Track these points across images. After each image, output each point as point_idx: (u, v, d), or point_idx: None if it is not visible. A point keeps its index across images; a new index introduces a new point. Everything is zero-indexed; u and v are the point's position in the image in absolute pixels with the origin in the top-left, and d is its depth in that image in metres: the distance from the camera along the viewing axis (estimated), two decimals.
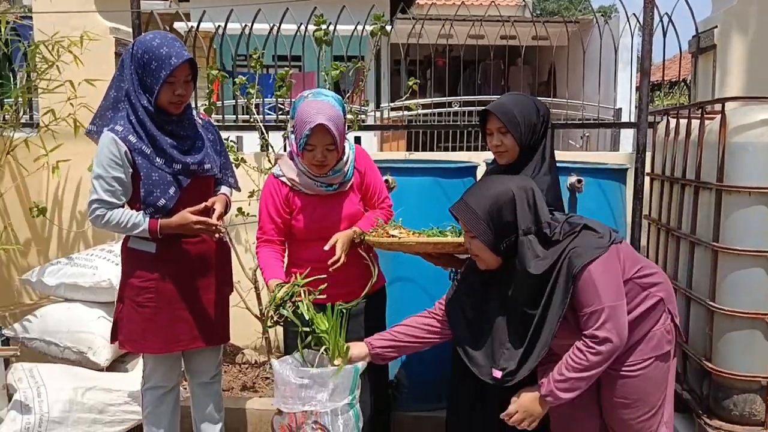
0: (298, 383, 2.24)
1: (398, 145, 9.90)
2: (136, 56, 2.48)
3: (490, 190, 2.22)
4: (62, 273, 3.69)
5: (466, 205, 2.22)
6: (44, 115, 4.05)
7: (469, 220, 2.19)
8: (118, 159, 2.49)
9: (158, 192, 2.53)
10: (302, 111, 2.47)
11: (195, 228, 2.56)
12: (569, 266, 2.11)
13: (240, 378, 3.96)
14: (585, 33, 6.39)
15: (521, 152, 2.54)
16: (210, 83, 4.03)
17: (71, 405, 3.14)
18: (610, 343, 2.07)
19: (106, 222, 2.53)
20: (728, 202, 2.76)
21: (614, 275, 2.13)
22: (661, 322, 2.24)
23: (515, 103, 2.55)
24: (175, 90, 2.49)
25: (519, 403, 2.23)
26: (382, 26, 3.90)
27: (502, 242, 2.18)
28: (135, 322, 2.66)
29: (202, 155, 2.64)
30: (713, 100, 3.38)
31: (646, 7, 3.58)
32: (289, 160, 2.61)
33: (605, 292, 2.09)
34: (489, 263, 2.25)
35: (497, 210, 2.16)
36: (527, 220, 2.16)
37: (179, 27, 7.01)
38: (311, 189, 2.57)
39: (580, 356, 2.10)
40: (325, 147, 2.45)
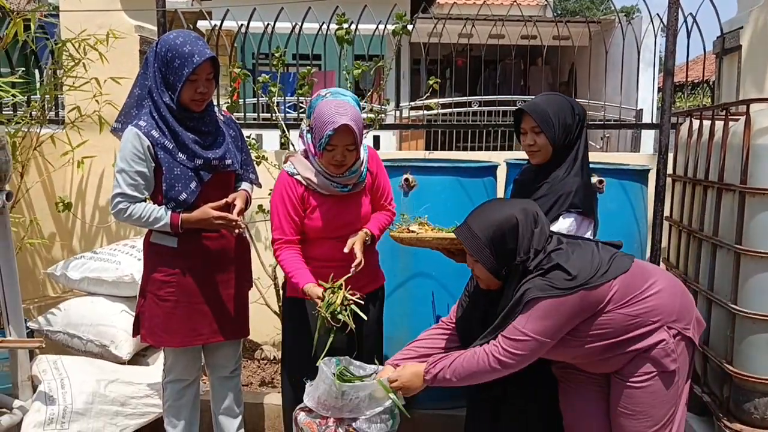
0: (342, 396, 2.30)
1: (417, 144, 9.90)
2: (160, 54, 2.52)
3: (494, 215, 2.24)
4: (86, 267, 3.75)
5: (470, 229, 2.25)
6: (70, 112, 4.11)
7: (472, 246, 2.23)
8: (141, 153, 2.53)
9: (180, 186, 2.57)
10: (323, 110, 2.45)
11: (215, 223, 2.59)
12: (522, 297, 2.15)
13: (259, 373, 3.99)
14: (607, 33, 6.35)
15: (554, 152, 2.55)
16: (232, 81, 4.06)
17: (94, 397, 3.17)
18: (506, 365, 2.15)
19: (129, 215, 2.57)
20: (752, 205, 2.73)
21: (560, 317, 2.13)
22: (661, 342, 2.19)
23: (550, 103, 2.55)
24: (197, 88, 2.52)
25: (401, 374, 2.32)
26: (404, 26, 3.90)
27: (504, 267, 2.22)
28: (156, 315, 2.70)
29: (223, 151, 2.67)
30: (738, 101, 3.35)
31: (670, 7, 3.55)
32: (303, 159, 2.58)
33: (537, 324, 2.12)
34: (489, 285, 2.31)
35: (500, 237, 2.19)
36: (525, 248, 2.19)
37: (202, 26, 7.06)
38: (327, 189, 2.56)
39: (482, 358, 2.17)
40: (346, 147, 2.45)
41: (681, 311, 2.24)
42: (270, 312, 4.04)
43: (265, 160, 4.06)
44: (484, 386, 2.46)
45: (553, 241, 2.24)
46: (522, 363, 2.17)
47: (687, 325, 2.24)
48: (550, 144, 2.53)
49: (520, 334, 2.13)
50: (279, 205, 2.58)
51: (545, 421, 2.58)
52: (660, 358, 2.18)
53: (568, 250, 2.21)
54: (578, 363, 2.34)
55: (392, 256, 3.24)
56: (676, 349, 2.21)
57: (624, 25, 4.56)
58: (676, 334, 2.21)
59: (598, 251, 2.25)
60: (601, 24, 9.04)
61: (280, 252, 2.57)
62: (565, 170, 2.53)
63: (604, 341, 2.19)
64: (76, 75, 3.91)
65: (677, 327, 2.21)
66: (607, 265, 2.19)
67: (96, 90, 3.93)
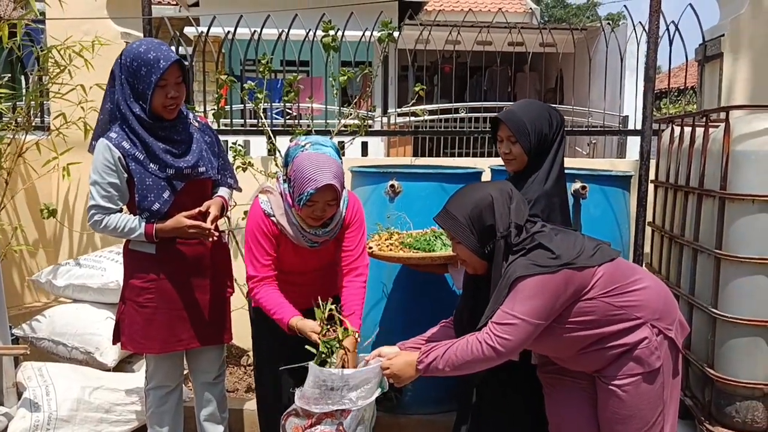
0: (330, 386, 2.30)
1: (405, 150, 9.91)
2: (125, 65, 2.51)
3: (469, 196, 2.27)
4: (71, 274, 3.75)
5: (447, 212, 2.27)
6: (55, 119, 4.10)
7: (452, 227, 2.25)
8: (112, 164, 2.53)
9: (152, 196, 2.58)
10: (303, 166, 2.34)
11: (189, 232, 2.60)
12: (508, 279, 2.16)
13: (245, 380, 3.99)
14: (592, 40, 6.40)
15: (529, 161, 2.56)
16: (219, 88, 4.07)
17: (79, 404, 3.17)
18: (500, 352, 2.13)
19: (104, 227, 2.58)
20: (731, 210, 2.77)
21: (546, 296, 2.13)
22: (644, 340, 2.19)
23: (527, 112, 2.56)
24: (167, 93, 2.52)
25: (394, 363, 2.32)
26: (389, 33, 3.93)
27: (486, 246, 2.23)
28: (136, 322, 2.71)
29: (195, 158, 2.66)
30: (717, 108, 3.40)
31: (651, 16, 3.60)
32: (280, 203, 2.51)
33: (525, 305, 2.12)
34: (476, 267, 2.31)
35: (477, 214, 2.21)
36: (504, 223, 2.20)
37: (189, 32, 7.06)
38: (297, 241, 2.53)
39: (474, 346, 2.15)
40: (327, 202, 2.39)
41: (664, 311, 2.25)
42: None
43: (251, 167, 4.07)
44: (477, 393, 2.51)
45: (536, 225, 2.27)
46: (515, 348, 2.14)
47: (669, 325, 2.25)
48: (525, 153, 2.54)
49: (510, 317, 2.12)
50: (255, 242, 2.53)
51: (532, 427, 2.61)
52: (644, 358, 2.19)
53: (551, 233, 2.24)
54: (560, 358, 2.35)
55: (377, 262, 3.24)
56: (660, 348, 2.21)
57: (607, 33, 4.60)
58: (658, 333, 2.21)
59: (583, 239, 2.29)
60: (586, 31, 9.11)
61: (258, 290, 2.54)
62: (541, 178, 2.53)
63: (587, 331, 2.20)
64: (62, 82, 3.91)
65: (660, 326, 2.22)
66: (592, 251, 2.22)
67: (81, 97, 3.93)
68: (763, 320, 2.71)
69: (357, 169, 3.59)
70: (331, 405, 2.31)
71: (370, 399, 2.35)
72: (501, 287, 2.18)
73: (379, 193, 3.35)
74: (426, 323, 2.65)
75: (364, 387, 2.33)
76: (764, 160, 2.68)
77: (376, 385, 2.37)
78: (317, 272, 2.70)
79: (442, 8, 12.87)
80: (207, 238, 2.64)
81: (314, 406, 2.33)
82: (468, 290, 2.48)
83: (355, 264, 2.64)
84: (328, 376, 2.30)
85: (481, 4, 15.05)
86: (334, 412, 2.33)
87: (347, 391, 2.31)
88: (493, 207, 2.21)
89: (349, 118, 4.35)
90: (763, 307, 2.71)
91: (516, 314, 2.12)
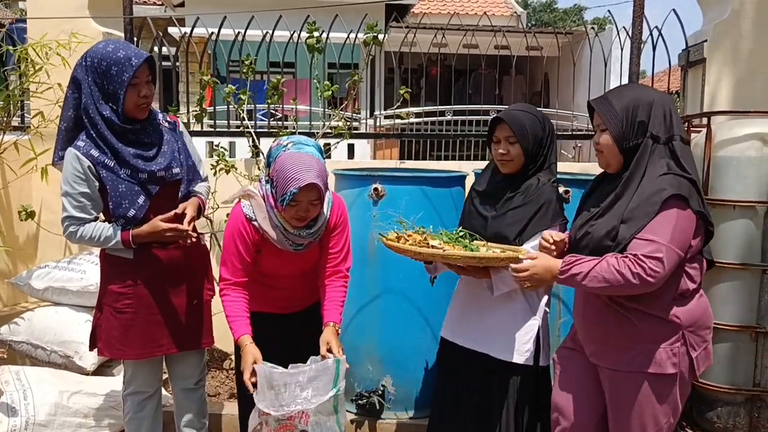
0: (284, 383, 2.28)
1: (391, 153, 9.91)
2: (92, 67, 2.45)
3: (633, 91, 2.24)
4: (50, 277, 3.70)
5: (605, 98, 2.23)
6: (33, 118, 4.05)
7: (605, 111, 2.20)
8: (82, 174, 2.48)
9: (126, 203, 2.53)
10: (286, 165, 2.31)
11: (167, 235, 2.55)
12: (660, 191, 2.06)
13: (227, 384, 3.95)
14: (578, 44, 6.43)
15: (525, 163, 2.56)
16: (202, 89, 4.04)
17: (57, 409, 3.13)
18: (652, 277, 2.03)
19: (80, 237, 2.54)
20: (713, 216, 2.75)
21: (688, 232, 2.08)
22: (669, 341, 2.14)
23: (525, 115, 2.57)
24: (140, 92, 2.48)
25: (536, 264, 2.24)
26: (375, 36, 3.90)
27: (630, 140, 2.17)
28: (114, 328, 2.66)
29: (168, 160, 2.61)
30: (699, 113, 3.41)
31: (635, 21, 3.61)
32: (263, 206, 2.45)
33: (679, 237, 2.04)
34: (610, 161, 2.23)
35: (634, 108, 2.16)
36: (658, 126, 2.15)
37: (174, 32, 7.02)
38: (281, 245, 2.47)
39: (621, 273, 2.06)
40: (310, 202, 2.35)
41: (696, 324, 2.20)
42: None
43: (234, 170, 4.04)
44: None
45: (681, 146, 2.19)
46: (662, 280, 2.06)
47: (698, 342, 2.19)
48: (523, 155, 2.54)
49: (665, 249, 2.03)
50: (232, 245, 2.49)
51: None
52: (660, 357, 2.13)
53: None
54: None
55: (361, 267, 3.22)
56: (680, 359, 2.15)
57: (592, 37, 4.61)
58: (684, 343, 2.16)
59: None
60: (571, 35, 9.15)
61: (226, 294, 2.50)
62: (538, 180, 2.55)
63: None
64: (39, 81, 3.86)
65: (691, 340, 2.16)
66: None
67: (60, 96, 3.88)
68: (744, 325, 2.72)
69: (341, 172, 3.56)
70: (285, 407, 2.28)
71: (325, 397, 2.31)
72: (649, 195, 2.08)
73: (363, 196, 3.33)
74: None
75: (315, 385, 2.30)
76: (745, 166, 2.70)
77: (330, 382, 2.33)
78: (301, 278, 2.66)
79: (428, 11, 12.90)
80: (186, 240, 2.60)
81: (272, 410, 2.29)
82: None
83: (339, 267, 2.62)
84: (270, 374, 2.28)
85: (467, 7, 15.11)
86: (293, 416, 2.30)
87: (299, 390, 2.29)
88: (652, 106, 2.17)
89: (334, 120, 4.33)
90: (744, 312, 2.72)
91: (674, 247, 2.04)
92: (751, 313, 2.72)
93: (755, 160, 2.68)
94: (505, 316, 2.58)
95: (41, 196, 4.35)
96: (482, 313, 2.63)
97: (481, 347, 2.62)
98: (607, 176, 2.31)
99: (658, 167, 2.10)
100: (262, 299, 2.61)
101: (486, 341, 2.61)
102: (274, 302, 2.58)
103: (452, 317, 2.78)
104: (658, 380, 2.15)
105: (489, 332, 2.60)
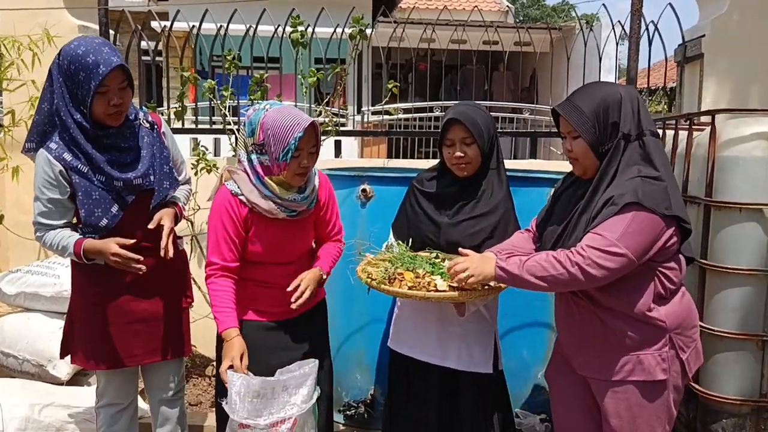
0: (271, 388, 2.19)
1: (379, 149, 9.78)
2: (63, 67, 2.28)
3: (598, 90, 2.13)
4: (22, 282, 3.58)
5: (571, 103, 2.14)
6: (5, 116, 3.88)
7: (576, 118, 2.10)
8: (53, 180, 2.32)
9: (99, 212, 2.36)
10: (277, 119, 2.24)
11: (111, 260, 2.33)
12: (621, 197, 1.99)
13: (209, 391, 3.82)
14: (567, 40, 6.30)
15: (482, 163, 2.48)
16: (182, 85, 3.87)
17: (27, 423, 2.99)
18: (593, 267, 1.97)
19: (44, 243, 2.41)
20: (717, 218, 2.67)
21: (651, 237, 1.99)
22: (656, 346, 2.08)
23: (476, 112, 2.48)
24: (109, 100, 2.29)
25: (469, 260, 2.20)
26: (361, 29, 3.77)
27: (605, 144, 2.08)
28: (84, 336, 2.53)
29: (146, 166, 2.44)
30: (703, 111, 3.29)
31: (633, 15, 3.49)
32: (248, 182, 2.33)
33: (634, 239, 1.96)
34: (587, 168, 2.15)
35: (604, 109, 2.08)
36: (629, 123, 2.06)
37: (156, 27, 6.84)
38: (273, 213, 2.34)
39: (564, 262, 2.01)
40: (309, 151, 2.28)
41: (681, 325, 2.13)
42: None
43: (216, 169, 3.88)
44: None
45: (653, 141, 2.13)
46: (606, 279, 2.00)
47: (685, 343, 2.12)
48: (480, 155, 2.45)
49: (614, 246, 1.96)
50: (218, 225, 2.34)
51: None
52: (648, 363, 2.07)
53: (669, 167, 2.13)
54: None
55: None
56: (670, 364, 2.09)
57: (585, 32, 4.49)
58: (672, 347, 2.09)
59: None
60: (561, 31, 9.05)
61: (213, 280, 2.34)
62: (493, 182, 2.49)
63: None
64: (10, 77, 3.68)
65: (678, 341, 2.10)
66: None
67: (34, 93, 3.70)
68: (750, 334, 2.61)
69: (328, 172, 3.41)
70: (274, 414, 2.19)
71: (313, 401, 2.27)
72: (610, 200, 2.02)
73: (351, 197, 3.19)
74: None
75: (303, 391, 2.24)
76: (753, 167, 2.58)
77: (313, 384, 2.28)
78: (293, 265, 2.47)
79: (416, 5, 12.76)
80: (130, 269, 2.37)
81: (261, 420, 2.19)
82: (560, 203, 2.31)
83: (335, 237, 2.60)
84: (249, 382, 2.17)
85: (456, 2, 14.97)
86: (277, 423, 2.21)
87: (288, 396, 2.21)
88: (621, 104, 2.07)
89: (320, 117, 4.18)
90: (751, 319, 2.61)
91: (621, 246, 1.96)
92: (757, 321, 2.61)
93: (762, 160, 2.56)
94: (463, 326, 2.50)
95: (13, 196, 4.17)
96: (437, 324, 2.53)
97: (440, 361, 2.53)
98: (578, 177, 2.24)
99: (627, 174, 2.03)
100: (255, 302, 2.43)
101: (443, 354, 2.53)
102: (268, 305, 2.43)
103: (402, 328, 2.67)
104: (649, 387, 2.09)
105: (446, 345, 2.52)
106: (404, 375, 2.66)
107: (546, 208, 2.34)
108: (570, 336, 2.27)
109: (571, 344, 2.27)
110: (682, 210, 2.04)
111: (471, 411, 2.58)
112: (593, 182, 2.09)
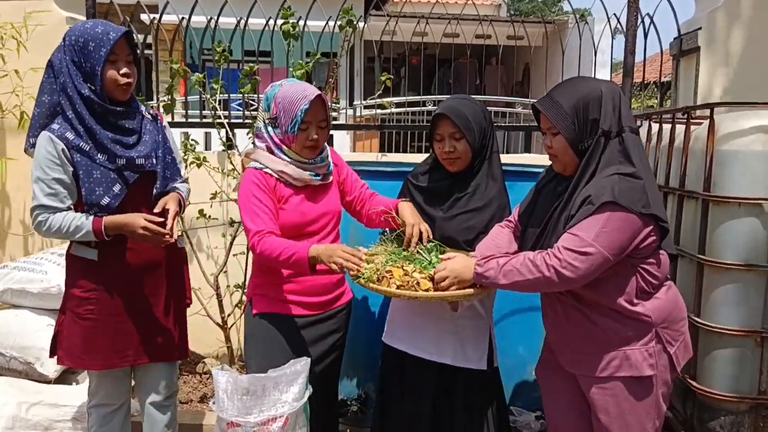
0: (261, 386, 2.18)
1: (371, 143, 9.74)
2: (70, 46, 2.31)
3: (579, 86, 2.10)
4: (9, 278, 3.50)
5: (552, 99, 2.10)
6: None
7: (554, 115, 2.07)
8: (56, 158, 2.28)
9: (101, 190, 2.32)
10: (287, 93, 2.37)
11: (140, 233, 2.31)
12: (598, 196, 1.97)
13: (200, 389, 3.77)
14: (561, 34, 6.26)
15: (472, 158, 2.46)
16: (171, 78, 3.80)
17: (14, 422, 2.95)
18: (565, 279, 1.97)
19: (49, 228, 2.31)
20: (716, 213, 2.63)
21: (627, 235, 1.97)
22: (643, 341, 2.06)
23: (466, 107, 2.44)
24: (119, 69, 2.32)
25: (451, 263, 2.21)
26: (350, 20, 3.72)
27: (584, 141, 2.05)
28: (75, 335, 2.46)
29: (149, 148, 2.43)
30: (701, 105, 3.25)
31: (630, 8, 3.45)
32: (268, 154, 2.41)
33: (610, 238, 1.95)
34: (567, 165, 2.13)
35: (584, 105, 2.04)
36: (609, 120, 2.03)
37: (146, 19, 6.74)
38: (300, 179, 2.40)
39: (540, 266, 2.01)
40: (318, 124, 2.38)
41: (667, 319, 2.11)
42: (213, 324, 3.82)
43: (206, 163, 3.82)
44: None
45: (633, 138, 2.10)
46: (582, 279, 1.98)
47: (673, 336, 2.11)
48: (470, 150, 2.42)
49: (587, 246, 1.94)
50: (252, 199, 2.34)
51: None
52: (635, 359, 2.06)
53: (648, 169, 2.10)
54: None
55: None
56: (657, 359, 2.08)
57: (580, 25, 4.45)
58: (659, 341, 2.08)
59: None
60: (555, 25, 9.00)
61: (262, 243, 2.27)
62: (485, 177, 2.46)
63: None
64: None
65: (664, 335, 2.09)
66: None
67: (17, 83, 3.63)
68: (748, 330, 2.58)
69: None
70: (265, 411, 2.19)
71: (304, 399, 2.26)
72: (586, 200, 1.99)
73: None
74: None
75: (294, 389, 2.23)
76: (752, 161, 2.54)
77: (305, 383, 2.27)
78: (325, 237, 2.47)
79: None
80: (159, 244, 2.38)
81: (250, 417, 2.17)
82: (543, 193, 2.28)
83: (369, 193, 2.68)
84: (237, 379, 2.18)
85: None
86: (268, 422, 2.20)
87: (279, 394, 2.20)
88: (601, 101, 2.04)
89: None
90: (749, 316, 2.58)
91: (596, 245, 1.94)
92: (756, 317, 2.58)
93: (761, 154, 2.52)
94: (457, 322, 2.47)
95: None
96: (432, 319, 2.50)
97: (434, 357, 2.50)
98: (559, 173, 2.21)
99: (606, 172, 2.01)
100: (288, 291, 2.44)
101: (438, 350, 2.50)
102: (303, 291, 2.44)
103: (397, 323, 2.63)
104: (637, 383, 2.08)
105: (441, 340, 2.49)
106: (398, 368, 2.62)
107: (528, 201, 2.32)
108: (557, 333, 2.26)
109: (558, 341, 2.26)
110: (659, 208, 2.02)
111: (465, 407, 2.55)
112: (573, 180, 2.08)
